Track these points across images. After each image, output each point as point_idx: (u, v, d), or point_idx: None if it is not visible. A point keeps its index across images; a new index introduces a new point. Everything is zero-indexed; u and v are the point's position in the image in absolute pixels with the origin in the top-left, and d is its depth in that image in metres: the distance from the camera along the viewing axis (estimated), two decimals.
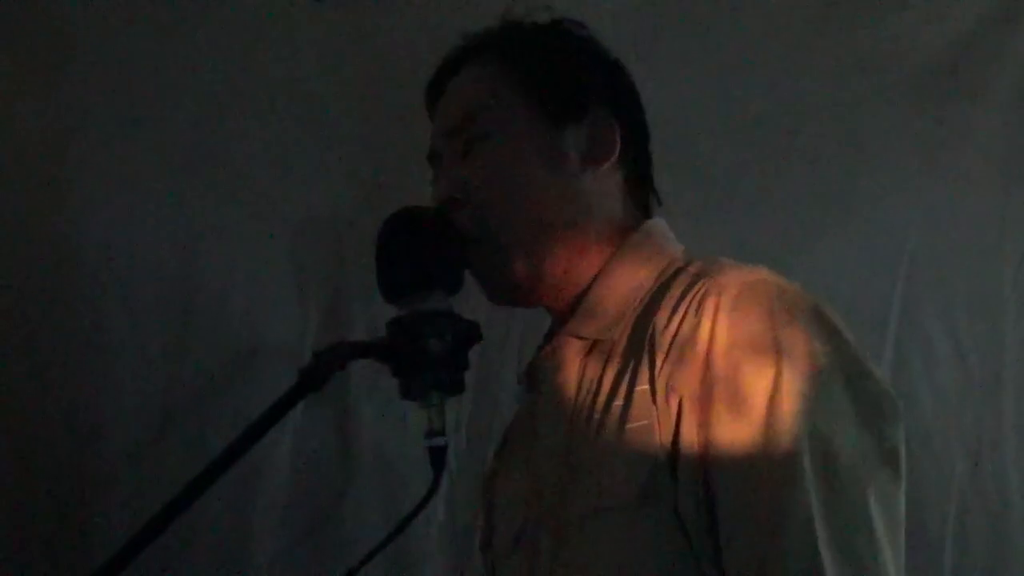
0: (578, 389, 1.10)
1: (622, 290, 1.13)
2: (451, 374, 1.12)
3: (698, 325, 1.01)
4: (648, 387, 1.02)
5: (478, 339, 1.14)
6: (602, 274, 1.16)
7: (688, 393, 1.00)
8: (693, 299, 1.03)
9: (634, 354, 1.06)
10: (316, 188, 1.68)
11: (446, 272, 1.14)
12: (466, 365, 1.14)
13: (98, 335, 1.57)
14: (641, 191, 1.23)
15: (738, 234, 1.72)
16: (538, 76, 1.18)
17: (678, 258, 1.15)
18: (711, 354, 1.00)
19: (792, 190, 1.85)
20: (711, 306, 1.01)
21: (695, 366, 1.00)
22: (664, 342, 1.03)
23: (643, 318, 1.08)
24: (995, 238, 1.95)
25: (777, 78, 1.85)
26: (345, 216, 1.66)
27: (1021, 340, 1.95)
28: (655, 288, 1.10)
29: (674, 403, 1.00)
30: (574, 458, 1.07)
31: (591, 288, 1.15)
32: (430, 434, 1.11)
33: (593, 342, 1.12)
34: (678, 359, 1.01)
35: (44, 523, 1.53)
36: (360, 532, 1.63)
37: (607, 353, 1.09)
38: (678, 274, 1.10)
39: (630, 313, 1.10)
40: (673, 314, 1.04)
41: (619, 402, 1.04)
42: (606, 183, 1.19)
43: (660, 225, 1.21)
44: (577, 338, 1.14)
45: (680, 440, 1.00)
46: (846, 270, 1.84)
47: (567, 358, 1.14)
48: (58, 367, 1.55)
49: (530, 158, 1.16)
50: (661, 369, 1.02)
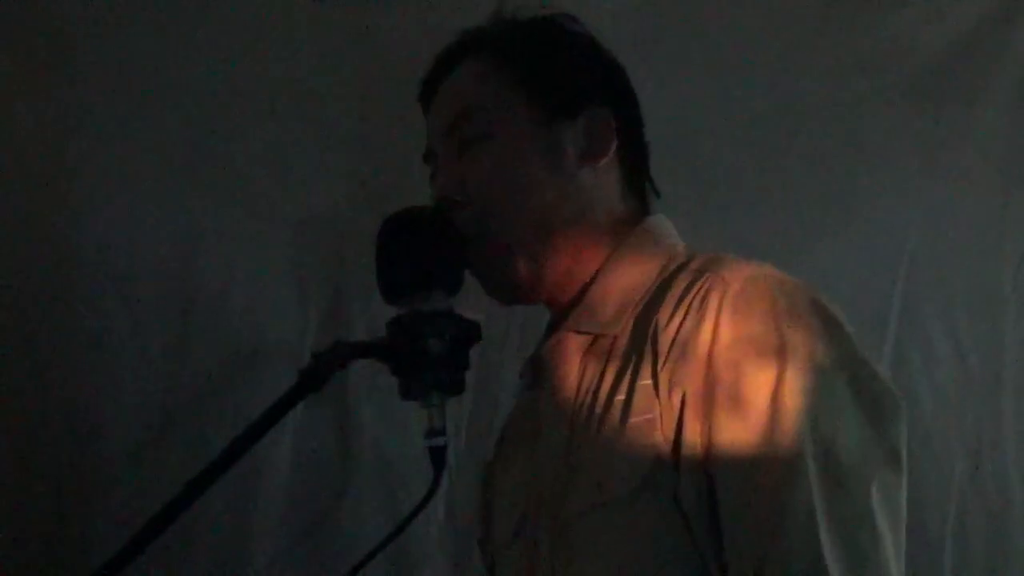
0: (579, 385, 1.10)
1: (623, 286, 1.13)
2: (451, 374, 1.12)
3: (701, 322, 1.01)
4: (651, 381, 1.02)
5: (478, 339, 1.14)
6: (603, 270, 1.15)
7: (691, 390, 1.00)
8: (695, 296, 1.03)
9: (636, 350, 1.06)
10: (316, 188, 1.68)
11: (446, 272, 1.13)
12: (466, 365, 1.13)
13: (98, 335, 1.57)
14: (639, 185, 1.22)
15: (738, 234, 1.72)
16: (533, 73, 1.17)
17: (680, 253, 1.14)
18: (713, 352, 0.99)
19: (792, 190, 1.85)
20: (714, 303, 1.01)
21: (698, 364, 1.00)
22: (666, 339, 1.03)
23: (645, 314, 1.08)
24: (995, 238, 1.95)
25: (777, 78, 1.85)
26: (345, 216, 1.66)
27: (1021, 340, 1.95)
28: (657, 284, 1.10)
29: (677, 398, 1.00)
30: (575, 454, 1.06)
31: (592, 284, 1.15)
32: (430, 434, 1.11)
33: (594, 338, 1.11)
34: (680, 356, 1.01)
35: (44, 523, 1.53)
36: (360, 532, 1.63)
37: (608, 349, 1.09)
38: (680, 270, 1.09)
39: (631, 309, 1.10)
40: (675, 311, 1.03)
41: (621, 396, 1.04)
42: (604, 178, 1.18)
43: (661, 220, 1.20)
44: (578, 333, 1.13)
45: (682, 435, 0.99)
46: (846, 270, 1.84)
47: (568, 354, 1.13)
48: (58, 367, 1.55)
49: (529, 157, 1.16)
50: (664, 365, 1.02)
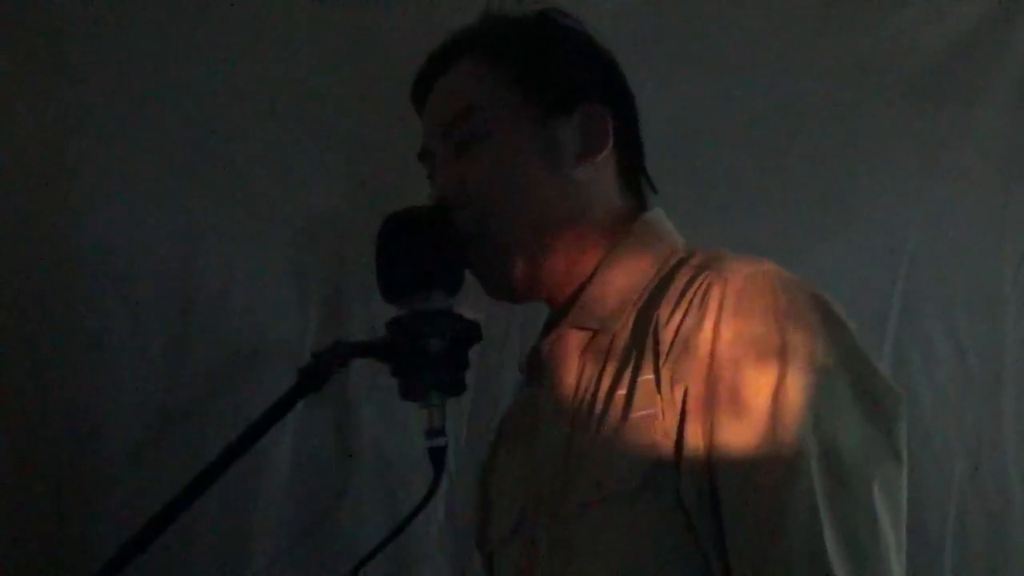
0: (579, 382, 1.10)
1: (622, 282, 1.12)
2: (451, 374, 1.12)
3: (702, 320, 1.01)
4: (652, 377, 1.02)
5: (478, 339, 1.14)
6: (602, 266, 1.15)
7: (692, 387, 1.00)
8: (696, 293, 1.03)
9: (637, 346, 1.05)
10: (316, 188, 1.68)
11: (446, 272, 1.13)
12: (466, 365, 1.13)
13: (98, 335, 1.57)
14: (636, 180, 1.22)
15: (738, 234, 1.71)
16: (529, 70, 1.17)
17: (679, 249, 1.14)
18: (715, 350, 0.99)
19: (792, 190, 1.85)
20: (715, 301, 1.01)
21: (699, 362, 1.00)
22: (667, 336, 1.02)
23: (645, 311, 1.07)
24: (995, 238, 1.95)
25: (777, 78, 1.85)
26: (345, 216, 1.66)
27: (1021, 340, 1.95)
28: (657, 280, 1.10)
29: (679, 394, 1.00)
30: (574, 451, 1.06)
31: (591, 281, 1.15)
32: (430, 434, 1.11)
33: (593, 334, 1.11)
34: (682, 353, 1.01)
35: (44, 523, 1.53)
36: (360, 532, 1.62)
37: (608, 345, 1.09)
38: (680, 266, 1.09)
39: (631, 305, 1.10)
40: (676, 308, 1.03)
41: (622, 392, 1.04)
42: (601, 175, 1.18)
43: (658, 215, 1.20)
44: (578, 328, 1.13)
45: (684, 432, 0.99)
46: (846, 270, 1.84)
47: (568, 350, 1.13)
48: (58, 367, 1.55)
49: (527, 156, 1.16)
50: (665, 361, 1.02)
